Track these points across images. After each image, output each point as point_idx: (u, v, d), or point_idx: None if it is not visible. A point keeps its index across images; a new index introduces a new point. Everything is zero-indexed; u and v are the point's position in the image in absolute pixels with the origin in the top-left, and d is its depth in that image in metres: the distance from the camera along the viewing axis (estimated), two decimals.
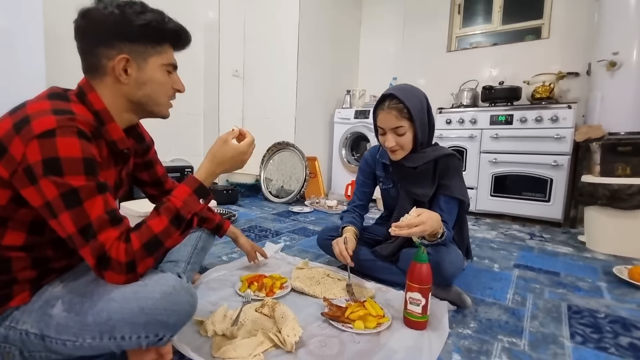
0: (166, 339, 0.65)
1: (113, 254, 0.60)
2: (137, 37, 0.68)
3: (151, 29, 0.69)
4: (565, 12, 2.67)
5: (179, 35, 0.74)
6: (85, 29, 0.68)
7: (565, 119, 2.23)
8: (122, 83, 0.69)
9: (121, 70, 0.68)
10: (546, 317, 1.05)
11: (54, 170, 0.57)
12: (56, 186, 0.58)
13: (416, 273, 0.92)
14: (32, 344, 0.67)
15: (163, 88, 0.75)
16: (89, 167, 0.61)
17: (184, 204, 0.70)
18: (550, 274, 1.42)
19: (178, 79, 0.78)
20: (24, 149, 0.57)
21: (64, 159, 0.58)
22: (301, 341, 0.84)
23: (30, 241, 0.67)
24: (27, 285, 0.69)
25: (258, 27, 3.19)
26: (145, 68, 0.71)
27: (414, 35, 3.37)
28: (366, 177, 1.36)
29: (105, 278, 0.62)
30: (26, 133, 0.58)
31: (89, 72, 0.70)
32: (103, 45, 0.67)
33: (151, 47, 0.70)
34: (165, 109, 0.78)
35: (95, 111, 0.69)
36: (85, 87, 0.69)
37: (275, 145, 3.05)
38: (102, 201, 0.62)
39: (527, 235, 2.09)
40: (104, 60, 0.68)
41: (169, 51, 0.74)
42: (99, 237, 0.60)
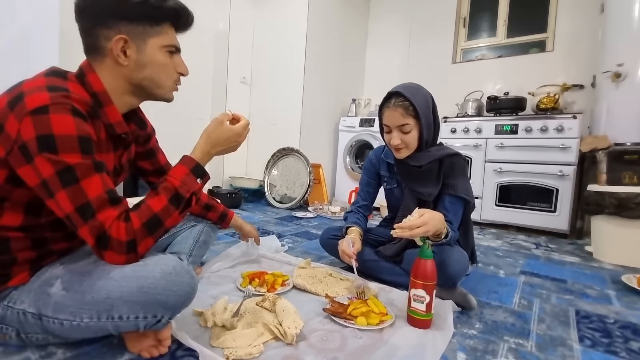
0: (164, 321, 0.64)
1: (113, 234, 0.60)
2: (134, 16, 0.66)
3: (149, 7, 0.66)
4: (569, 25, 2.71)
5: (178, 14, 0.71)
6: (84, 8, 0.66)
7: (570, 129, 2.23)
8: (122, 65, 0.67)
9: (119, 51, 0.66)
10: (554, 320, 1.02)
11: (48, 147, 0.56)
12: (51, 163, 0.57)
13: (421, 269, 0.91)
14: (29, 324, 0.66)
15: (165, 70, 0.72)
16: (84, 145, 0.60)
17: (182, 183, 0.69)
18: (557, 281, 1.39)
19: (181, 61, 0.75)
20: (19, 126, 0.56)
21: (58, 136, 0.57)
22: (302, 334, 0.83)
23: (28, 222, 0.67)
24: (26, 265, 0.69)
25: (267, 36, 3.26)
26: (144, 49, 0.68)
27: (420, 46, 3.43)
28: (370, 177, 1.35)
29: (105, 258, 0.62)
30: (20, 110, 0.57)
31: (89, 54, 0.69)
32: (101, 25, 0.65)
33: (150, 27, 0.68)
34: (168, 92, 0.75)
35: (93, 92, 0.67)
36: (85, 68, 0.68)
37: (280, 150, 3.07)
38: (100, 180, 0.61)
39: (533, 245, 2.06)
40: (103, 41, 0.66)
41: (169, 32, 0.71)
42: (98, 217, 0.59)
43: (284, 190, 3.07)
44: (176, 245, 1.06)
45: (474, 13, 3.27)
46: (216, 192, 2.76)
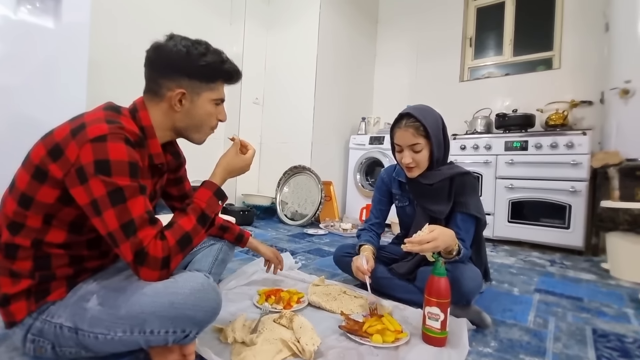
0: (192, 336, 0.68)
1: (151, 251, 0.65)
2: (196, 75, 0.77)
3: (209, 69, 0.78)
4: (574, 43, 2.75)
5: (231, 75, 0.84)
6: (154, 61, 0.78)
7: (580, 145, 2.24)
8: (175, 111, 0.79)
9: (177, 101, 0.77)
10: (570, 339, 1.01)
11: (103, 170, 0.64)
12: (104, 185, 0.64)
13: (434, 287, 0.93)
14: (65, 338, 0.70)
15: (208, 119, 0.84)
16: (133, 170, 0.67)
17: (207, 205, 0.77)
18: (572, 299, 1.38)
19: (223, 110, 0.87)
20: (78, 152, 0.65)
21: (113, 161, 0.65)
22: (319, 351, 0.85)
23: (70, 240, 0.73)
24: (64, 282, 0.75)
25: (278, 58, 3.39)
26: (197, 101, 0.80)
27: (427, 66, 3.51)
28: (382, 195, 1.39)
29: (140, 273, 0.67)
30: (81, 137, 0.65)
31: (148, 94, 0.80)
32: (166, 77, 0.77)
33: (206, 84, 0.79)
34: (204, 137, 0.87)
35: (142, 126, 0.77)
36: (139, 105, 0.79)
37: (291, 168, 3.13)
38: (143, 201, 0.68)
39: (548, 262, 2.03)
40: (164, 90, 0.77)
41: (220, 87, 0.83)
42: (139, 234, 0.65)
43: (295, 207, 3.11)
44: (196, 263, 1.11)
45: (480, 33, 3.35)
46: (229, 210, 2.82)
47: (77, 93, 1.76)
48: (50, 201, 0.68)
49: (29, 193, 0.68)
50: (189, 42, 0.77)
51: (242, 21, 3.24)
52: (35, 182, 0.67)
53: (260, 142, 3.48)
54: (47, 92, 1.67)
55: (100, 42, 2.27)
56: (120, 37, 2.50)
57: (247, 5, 3.24)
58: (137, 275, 0.67)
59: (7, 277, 0.70)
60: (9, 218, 0.69)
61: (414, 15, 3.64)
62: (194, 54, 0.76)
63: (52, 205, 0.69)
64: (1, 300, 0.70)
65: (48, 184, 0.67)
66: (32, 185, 0.67)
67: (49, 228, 0.70)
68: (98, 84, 2.10)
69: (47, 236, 0.70)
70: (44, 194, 0.67)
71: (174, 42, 0.76)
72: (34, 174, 0.67)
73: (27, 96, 1.61)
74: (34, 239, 0.69)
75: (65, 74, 1.73)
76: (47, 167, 0.66)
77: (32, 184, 0.67)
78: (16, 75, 1.59)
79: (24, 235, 0.69)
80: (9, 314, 0.71)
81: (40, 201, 0.68)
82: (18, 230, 0.68)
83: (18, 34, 1.58)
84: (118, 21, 2.49)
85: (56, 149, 0.66)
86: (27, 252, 0.70)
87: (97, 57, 2.19)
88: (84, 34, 1.78)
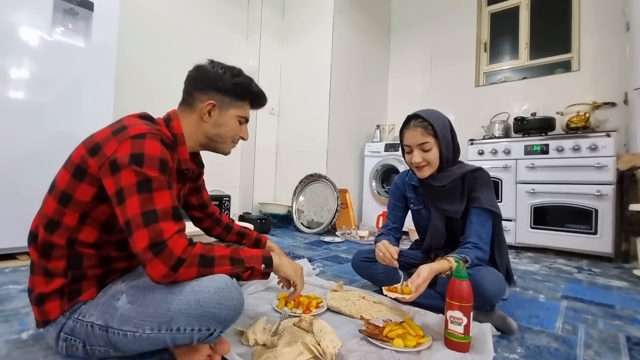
0: (216, 334, 0.69)
1: (171, 244, 0.66)
2: (227, 91, 0.87)
3: (239, 88, 0.88)
4: (594, 44, 2.70)
5: (258, 97, 0.94)
6: (193, 77, 0.89)
7: (605, 147, 2.17)
8: (204, 121, 0.87)
9: (206, 111, 0.86)
10: (602, 346, 0.97)
11: (137, 162, 0.69)
12: (135, 174, 0.68)
13: (456, 290, 0.91)
14: (95, 336, 0.73)
15: (231, 132, 0.91)
16: (163, 165, 0.72)
17: (248, 257, 0.78)
18: (603, 306, 1.32)
19: (246, 129, 0.96)
20: (117, 147, 0.70)
21: (147, 155, 0.70)
22: (340, 355, 0.84)
23: (100, 239, 0.77)
24: (94, 281, 0.78)
25: (293, 70, 3.47)
26: (224, 115, 0.89)
27: (441, 72, 3.51)
28: (397, 200, 1.38)
29: (148, 265, 0.65)
30: (122, 135, 0.72)
31: (182, 106, 0.89)
32: (201, 91, 0.86)
33: (234, 100, 0.89)
34: (227, 148, 0.95)
35: (174, 133, 0.86)
36: (172, 115, 0.88)
37: (307, 177, 3.16)
38: (169, 195, 0.71)
39: (574, 268, 1.96)
40: (197, 102, 0.87)
41: (246, 107, 0.93)
42: (161, 224, 0.66)
43: (312, 215, 3.13)
44: None
45: (495, 37, 3.33)
46: (247, 218, 2.86)
47: (104, 110, 1.85)
48: (87, 199, 0.73)
49: (68, 191, 0.73)
50: (226, 65, 0.89)
51: (257, 35, 3.34)
52: (75, 180, 0.72)
53: (276, 151, 3.54)
54: (76, 108, 1.77)
55: (124, 61, 2.39)
56: (143, 55, 2.63)
57: (263, 19, 3.35)
58: (144, 266, 0.66)
59: (42, 276, 0.74)
60: (47, 217, 0.74)
61: (426, 23, 3.66)
62: (228, 74, 0.87)
63: (88, 203, 0.73)
64: (36, 300, 0.74)
65: (86, 182, 0.72)
66: (72, 184, 0.72)
67: (83, 227, 0.74)
68: (122, 101, 2.21)
69: (81, 235, 0.74)
70: (82, 191, 0.72)
71: (213, 65, 0.88)
72: (74, 172, 0.73)
73: (57, 113, 1.71)
74: (68, 237, 0.73)
75: (93, 91, 1.83)
76: (87, 163, 0.72)
77: (72, 182, 0.72)
78: (48, 93, 1.69)
79: (60, 234, 0.73)
80: (43, 312, 0.74)
81: (78, 199, 0.72)
82: (54, 229, 0.73)
83: (52, 54, 1.69)
84: (140, 40, 2.62)
85: (96, 147, 0.72)
86: (62, 252, 0.74)
87: (121, 75, 2.31)
88: (112, 52, 1.89)
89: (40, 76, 1.66)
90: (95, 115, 1.81)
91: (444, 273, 1.05)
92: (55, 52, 1.70)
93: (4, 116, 1.57)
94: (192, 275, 0.69)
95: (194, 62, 0.93)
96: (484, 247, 1.11)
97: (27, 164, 1.62)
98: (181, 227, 0.70)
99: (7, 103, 1.58)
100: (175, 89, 0.94)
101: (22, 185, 1.60)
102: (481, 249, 1.10)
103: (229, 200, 2.83)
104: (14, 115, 1.59)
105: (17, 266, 1.56)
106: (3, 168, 1.57)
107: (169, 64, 2.73)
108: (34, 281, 0.75)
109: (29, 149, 1.63)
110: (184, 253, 0.67)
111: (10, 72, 1.59)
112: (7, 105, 1.58)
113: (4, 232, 1.57)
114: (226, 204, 2.82)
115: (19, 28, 1.59)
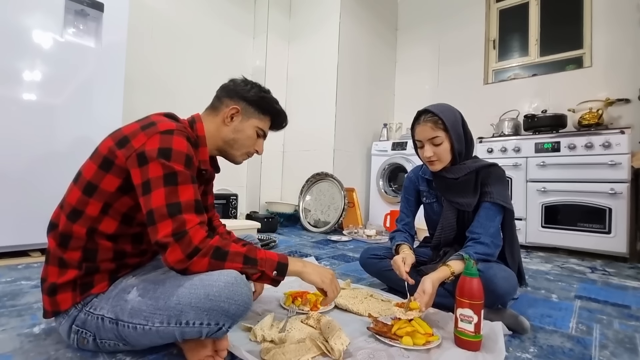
0: (224, 329, 0.69)
1: (191, 233, 0.68)
2: (252, 102, 0.93)
3: (264, 102, 0.95)
4: (606, 39, 2.64)
5: (279, 115, 0.99)
6: (226, 86, 0.95)
7: (619, 144, 2.12)
8: (225, 125, 0.92)
9: (229, 115, 0.91)
10: (618, 347, 0.94)
11: (165, 155, 0.71)
12: (162, 167, 0.70)
13: (466, 287, 0.90)
14: (105, 329, 0.74)
15: (247, 142, 0.95)
16: (188, 161, 0.75)
17: (263, 259, 0.76)
18: (618, 306, 1.28)
19: (261, 143, 1.00)
20: (146, 140, 0.73)
21: (175, 150, 0.73)
22: (348, 352, 0.84)
23: (119, 231, 0.78)
24: (106, 275, 0.79)
25: (300, 69, 3.47)
26: (245, 123, 0.93)
27: (449, 70, 3.47)
28: (409, 194, 1.38)
29: (167, 251, 0.67)
30: (151, 130, 0.74)
31: (208, 110, 0.95)
32: (229, 98, 0.93)
33: (257, 112, 0.94)
34: (239, 157, 0.98)
35: (197, 135, 0.89)
36: (197, 118, 0.92)
37: (314, 175, 3.15)
38: (193, 189, 0.73)
39: (588, 268, 1.91)
40: (223, 107, 0.92)
41: (267, 122, 0.97)
42: (185, 215, 0.69)
43: (318, 214, 3.12)
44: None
45: (504, 34, 3.29)
46: (254, 217, 2.87)
47: (113, 110, 1.87)
48: (112, 190, 0.75)
49: (94, 181, 0.75)
50: (258, 84, 0.96)
51: (264, 35, 3.35)
52: (101, 171, 0.75)
53: (283, 150, 3.54)
54: (87, 109, 1.80)
55: (133, 62, 2.42)
56: (152, 56, 2.66)
57: (269, 20, 3.36)
58: (163, 253, 0.68)
59: (56, 266, 0.76)
60: (71, 206, 0.76)
61: (434, 21, 3.63)
62: (257, 89, 0.94)
63: (113, 194, 0.75)
64: (49, 290, 0.75)
65: (112, 173, 0.74)
66: (99, 175, 0.75)
67: (104, 217, 0.76)
68: (131, 101, 2.24)
69: (101, 225, 0.76)
70: (108, 182, 0.75)
71: (246, 81, 0.96)
72: (101, 163, 0.75)
73: (68, 113, 1.74)
74: (89, 227, 0.75)
75: (103, 92, 1.85)
76: (114, 154, 0.74)
77: (98, 173, 0.75)
78: (60, 94, 1.72)
79: (81, 224, 0.75)
80: (55, 303, 0.75)
81: (103, 189, 0.75)
82: (77, 218, 0.75)
83: (64, 55, 1.71)
84: (149, 41, 2.65)
85: (124, 139, 0.75)
86: (79, 243, 0.75)
87: (130, 76, 2.33)
88: (121, 53, 1.91)
89: (53, 77, 1.69)
90: (105, 115, 1.84)
91: (448, 279, 1.04)
92: (67, 53, 1.72)
93: (18, 118, 1.60)
94: (204, 265, 0.70)
95: (202, 62, 0.96)
96: (489, 241, 1.09)
97: (40, 164, 1.65)
98: (202, 219, 0.72)
99: (21, 104, 1.61)
100: (184, 90, 0.96)
101: (35, 185, 1.63)
102: (483, 243, 1.09)
103: (236, 199, 2.84)
104: (28, 116, 1.62)
105: (30, 263, 1.59)
106: (16, 168, 1.59)
107: (177, 65, 2.75)
108: (47, 271, 0.77)
109: (41, 149, 1.66)
110: (202, 243, 0.70)
111: (24, 74, 1.62)
112: (22, 106, 1.61)
113: (18, 229, 1.60)
114: (233, 203, 2.83)
115: (31, 30, 1.62)
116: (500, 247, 1.14)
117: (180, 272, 0.70)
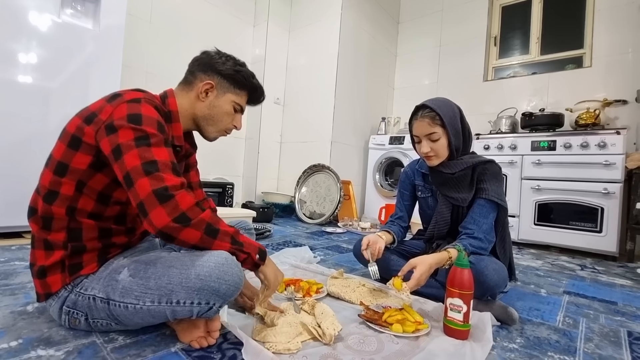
0: (215, 309, 0.70)
1: (178, 197, 0.66)
2: (227, 76, 0.88)
3: (240, 76, 0.90)
4: (607, 40, 2.64)
5: (256, 90, 0.94)
6: (198, 59, 0.90)
7: (614, 145, 2.13)
8: (200, 100, 0.88)
9: (203, 90, 0.87)
10: (603, 340, 0.97)
11: (134, 121, 0.70)
12: (133, 131, 0.69)
13: (457, 277, 0.91)
14: (97, 309, 0.74)
15: (224, 117, 0.91)
16: (161, 126, 0.73)
17: (247, 243, 0.77)
18: (605, 302, 1.31)
19: (240, 118, 0.95)
20: (112, 110, 0.71)
21: (144, 115, 0.71)
22: (339, 336, 0.85)
23: (97, 209, 0.77)
24: (94, 255, 0.79)
25: (300, 59, 3.45)
26: (220, 98, 0.89)
27: (449, 66, 3.46)
28: (405, 188, 1.38)
29: (150, 212, 0.65)
30: (118, 101, 0.73)
31: (181, 85, 0.90)
32: (202, 72, 0.88)
33: (233, 87, 0.90)
34: (215, 134, 0.93)
35: (169, 110, 0.85)
36: (169, 93, 0.89)
37: (310, 167, 3.15)
38: (167, 152, 0.72)
39: (578, 266, 1.94)
40: (197, 81, 0.88)
41: (244, 97, 0.93)
42: (162, 174, 0.67)
43: (314, 206, 3.13)
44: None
45: (505, 32, 3.28)
46: (249, 207, 2.87)
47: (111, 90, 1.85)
48: (83, 167, 0.73)
49: (64, 161, 0.73)
50: (232, 56, 0.91)
51: (265, 24, 3.32)
52: (70, 150, 0.73)
53: (281, 141, 3.53)
54: (83, 92, 1.77)
55: (131, 46, 2.39)
56: (150, 41, 2.62)
57: (271, 8, 3.32)
58: (146, 215, 0.65)
59: (42, 249, 0.75)
60: (45, 188, 0.74)
61: (436, 15, 3.61)
62: (231, 62, 0.90)
63: (85, 172, 0.74)
64: (38, 273, 0.75)
65: (82, 151, 0.73)
66: (68, 154, 0.73)
67: (80, 196, 0.75)
68: (128, 87, 2.20)
69: (79, 203, 0.75)
70: (78, 160, 0.73)
71: (219, 53, 0.91)
72: (69, 142, 0.73)
73: (65, 96, 1.71)
74: (68, 206, 0.74)
75: (100, 75, 1.83)
76: (82, 131, 0.72)
77: (67, 152, 0.73)
78: (57, 76, 1.69)
79: (59, 204, 0.74)
80: (45, 285, 0.75)
81: (74, 167, 0.73)
82: (52, 200, 0.74)
83: (61, 36, 1.69)
84: (147, 26, 2.61)
85: (91, 115, 0.73)
86: (62, 223, 0.75)
87: (128, 61, 2.30)
88: (119, 36, 1.88)
89: (50, 58, 1.67)
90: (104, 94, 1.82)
91: (445, 264, 1.05)
92: (64, 34, 1.70)
93: (14, 99, 1.57)
94: (195, 238, 0.69)
95: (201, 49, 0.94)
96: (482, 236, 1.11)
97: (34, 146, 1.64)
98: (183, 181, 0.70)
99: (18, 86, 1.58)
100: (182, 76, 0.94)
101: (29, 167, 1.61)
102: (477, 238, 1.10)
103: (232, 188, 2.84)
104: (24, 98, 1.60)
105: (23, 244, 1.58)
106: (11, 150, 1.58)
107: (175, 51, 2.72)
108: (35, 255, 0.76)
109: (36, 131, 1.64)
110: (190, 211, 0.67)
111: (20, 56, 1.59)
112: (19, 88, 1.58)
113: (11, 211, 1.59)
114: (229, 192, 2.83)
115: (28, 10, 1.59)
116: (493, 242, 1.15)
117: (165, 237, 0.67)
